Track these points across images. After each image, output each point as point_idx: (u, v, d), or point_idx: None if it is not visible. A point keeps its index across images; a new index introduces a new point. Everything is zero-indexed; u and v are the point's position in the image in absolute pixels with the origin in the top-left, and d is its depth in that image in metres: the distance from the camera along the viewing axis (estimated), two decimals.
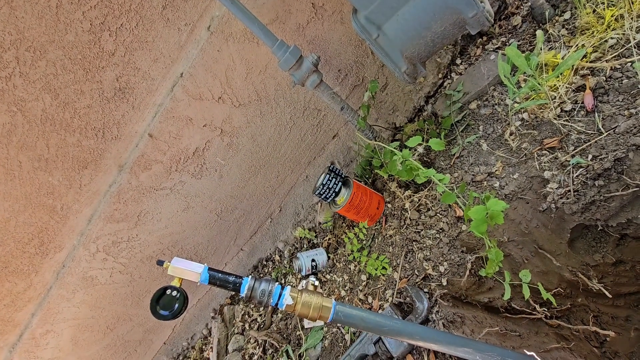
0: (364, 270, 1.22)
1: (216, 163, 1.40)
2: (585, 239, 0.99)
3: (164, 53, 1.09)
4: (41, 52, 0.99)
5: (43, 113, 1.09)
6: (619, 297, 1.07)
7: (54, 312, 1.66)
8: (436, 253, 1.03)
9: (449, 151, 1.17)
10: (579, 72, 0.97)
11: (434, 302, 0.96)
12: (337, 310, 0.75)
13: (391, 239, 1.18)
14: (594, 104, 0.91)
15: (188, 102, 1.20)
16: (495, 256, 0.82)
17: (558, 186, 0.92)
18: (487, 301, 1.05)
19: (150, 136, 1.24)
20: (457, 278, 0.99)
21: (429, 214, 1.11)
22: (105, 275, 1.61)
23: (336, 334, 1.21)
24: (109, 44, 1.02)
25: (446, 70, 1.32)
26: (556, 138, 0.95)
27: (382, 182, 1.36)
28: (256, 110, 1.30)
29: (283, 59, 0.94)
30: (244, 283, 0.69)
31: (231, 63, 1.16)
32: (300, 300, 0.73)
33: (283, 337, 1.44)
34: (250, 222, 1.70)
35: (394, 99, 1.41)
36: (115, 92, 1.12)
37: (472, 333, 0.93)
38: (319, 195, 1.22)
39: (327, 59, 1.23)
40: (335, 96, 1.07)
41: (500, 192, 1.00)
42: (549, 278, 1.06)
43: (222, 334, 1.75)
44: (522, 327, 1.04)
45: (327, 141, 1.52)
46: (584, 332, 1.10)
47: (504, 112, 1.09)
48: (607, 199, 0.85)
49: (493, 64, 1.16)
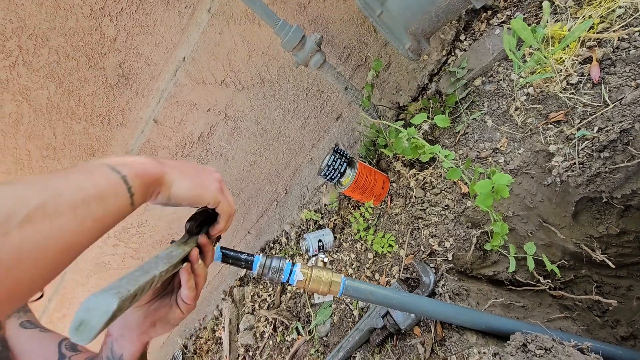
0: (371, 248, 1.24)
1: (221, 147, 1.41)
2: (590, 212, 1.01)
3: (165, 37, 1.08)
4: (43, 39, 0.99)
5: (48, 101, 1.09)
6: (622, 267, 1.09)
7: (70, 297, 1.72)
8: (442, 229, 1.05)
9: (454, 129, 1.17)
10: (586, 43, 0.96)
11: (440, 276, 0.98)
12: (347, 285, 0.78)
13: (397, 217, 1.20)
14: (600, 76, 0.90)
15: (191, 87, 1.20)
16: (500, 229, 0.83)
17: (563, 159, 0.92)
18: (491, 275, 1.07)
19: (155, 122, 1.24)
20: (462, 253, 1.01)
21: (434, 191, 1.12)
22: (117, 261, 1.65)
23: (344, 310, 1.24)
24: (110, 29, 1.02)
25: (450, 47, 1.31)
26: (562, 112, 0.95)
27: (387, 162, 1.37)
28: (259, 93, 1.30)
29: (286, 39, 0.94)
30: (255, 261, 0.71)
31: (233, 45, 1.15)
32: (311, 276, 0.75)
33: (293, 315, 1.48)
34: (256, 206, 1.72)
35: (397, 78, 1.40)
36: (119, 78, 1.12)
37: (477, 305, 0.95)
38: (324, 177, 1.23)
39: (329, 39, 1.22)
40: (339, 76, 1.06)
41: (505, 167, 1.01)
42: (553, 251, 1.08)
43: (233, 314, 1.80)
44: (526, 299, 1.07)
45: (331, 123, 1.52)
46: (586, 302, 1.12)
47: (509, 87, 1.08)
48: (612, 171, 0.86)
49: (498, 38, 1.14)
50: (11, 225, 0.29)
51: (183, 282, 0.52)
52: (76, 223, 0.34)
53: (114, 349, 0.54)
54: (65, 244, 0.33)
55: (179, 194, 0.48)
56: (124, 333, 0.53)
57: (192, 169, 0.52)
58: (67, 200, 0.34)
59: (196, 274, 0.54)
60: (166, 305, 0.54)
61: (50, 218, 0.32)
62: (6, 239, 0.29)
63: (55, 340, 0.67)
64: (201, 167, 0.55)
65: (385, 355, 1.00)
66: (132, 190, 0.41)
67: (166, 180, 0.46)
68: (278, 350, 1.47)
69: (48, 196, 0.32)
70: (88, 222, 0.35)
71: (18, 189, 0.32)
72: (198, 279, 0.54)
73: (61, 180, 0.35)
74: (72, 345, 0.67)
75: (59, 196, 0.33)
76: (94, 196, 0.36)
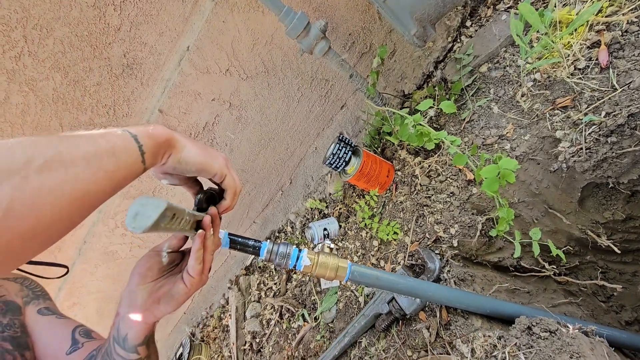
0: (376, 236, 1.25)
1: (226, 137, 1.42)
2: (596, 197, 1.01)
3: (169, 26, 1.08)
4: (48, 29, 0.99)
5: (54, 92, 1.10)
6: (627, 253, 1.09)
7: (79, 286, 1.75)
8: (447, 216, 1.06)
9: (459, 116, 1.16)
10: (594, 27, 0.95)
11: (445, 262, 0.99)
12: (353, 270, 0.79)
13: (402, 205, 1.21)
14: (608, 60, 0.89)
15: (196, 76, 1.20)
16: (506, 214, 0.84)
17: (570, 145, 0.92)
18: (496, 261, 1.08)
19: (161, 112, 1.25)
20: (467, 239, 1.02)
21: (439, 179, 1.13)
22: (125, 250, 1.67)
23: (350, 297, 1.26)
24: (114, 18, 1.02)
25: (456, 34, 1.29)
26: (569, 97, 0.94)
27: (392, 151, 1.37)
28: (263, 82, 1.30)
29: (291, 26, 0.93)
30: (263, 247, 0.72)
31: (237, 34, 1.14)
32: (318, 261, 0.76)
33: (298, 302, 1.50)
34: (261, 195, 1.73)
35: (402, 66, 1.39)
36: (124, 68, 1.12)
37: (482, 290, 0.96)
38: (329, 165, 1.23)
39: (333, 27, 1.21)
40: (344, 63, 1.06)
41: (511, 154, 1.01)
42: (558, 237, 1.08)
43: (240, 302, 1.83)
44: (530, 285, 1.08)
45: (335, 112, 1.51)
46: (591, 288, 1.13)
47: (515, 73, 1.07)
48: (619, 156, 0.86)
49: (504, 24, 1.13)
50: (30, 170, 0.32)
51: (194, 249, 0.53)
52: (90, 172, 0.37)
53: (119, 328, 0.55)
54: (79, 191, 0.36)
55: (189, 158, 0.50)
56: (130, 311, 0.54)
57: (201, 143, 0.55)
58: (81, 152, 0.37)
59: (205, 247, 0.55)
60: (171, 282, 0.56)
61: (65, 166, 0.35)
62: (26, 181, 0.32)
63: (70, 327, 0.69)
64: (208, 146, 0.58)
65: (390, 339, 1.02)
66: (143, 149, 0.43)
67: (177, 143, 0.49)
68: (284, 337, 1.49)
69: (64, 147, 0.36)
70: (100, 174, 0.38)
71: (38, 139, 0.35)
72: (206, 253, 0.55)
73: (76, 136, 0.38)
74: (86, 332, 0.69)
75: (74, 147, 0.37)
76: (106, 150, 0.39)
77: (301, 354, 1.36)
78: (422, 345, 0.93)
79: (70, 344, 0.66)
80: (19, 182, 0.32)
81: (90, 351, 0.65)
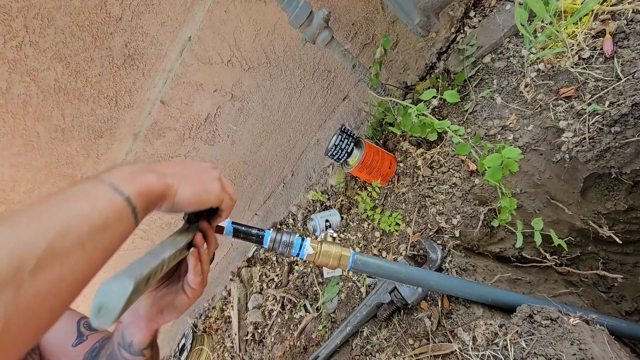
0: (378, 227, 1.26)
1: (228, 129, 1.41)
2: (598, 188, 1.01)
3: (170, 16, 1.07)
4: (49, 19, 0.98)
5: (56, 83, 1.09)
6: (629, 244, 1.10)
7: None
8: (449, 207, 1.06)
9: (462, 107, 1.16)
10: (599, 17, 0.94)
11: (447, 252, 1.00)
12: (356, 259, 0.79)
13: (404, 196, 1.21)
14: (613, 50, 0.89)
15: (197, 67, 1.19)
16: (509, 204, 0.84)
17: (573, 135, 0.92)
18: (498, 251, 1.09)
19: (162, 103, 1.24)
20: (469, 230, 1.02)
21: (442, 170, 1.13)
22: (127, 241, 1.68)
23: (352, 287, 1.27)
24: (115, 7, 1.01)
25: (459, 24, 1.28)
26: (573, 87, 0.94)
27: (394, 142, 1.36)
28: (266, 73, 1.29)
29: (293, 15, 0.92)
30: (266, 235, 0.73)
31: (239, 24, 1.14)
32: (321, 250, 0.76)
33: (300, 293, 1.51)
34: (263, 187, 1.73)
35: (404, 57, 1.38)
36: (125, 58, 1.11)
37: (483, 280, 0.97)
38: (331, 157, 1.23)
39: (336, 17, 1.20)
40: (347, 53, 1.05)
41: (514, 144, 1.01)
42: (560, 227, 1.09)
43: (242, 294, 1.85)
44: (532, 275, 1.08)
45: (338, 103, 1.51)
46: (592, 278, 1.14)
47: (519, 63, 1.07)
48: (623, 145, 0.86)
49: (508, 14, 1.12)
50: (24, 277, 0.28)
51: (190, 266, 0.53)
52: (86, 259, 0.33)
53: (124, 335, 0.56)
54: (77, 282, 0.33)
55: (183, 201, 0.47)
56: (133, 320, 0.55)
57: (192, 171, 0.51)
58: (74, 237, 0.32)
59: (201, 261, 0.55)
60: (172, 292, 0.56)
61: (60, 260, 0.31)
62: (20, 292, 0.28)
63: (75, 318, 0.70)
64: (199, 166, 0.54)
65: (392, 328, 1.03)
66: (136, 211, 0.40)
67: (169, 191, 0.45)
68: (286, 327, 1.50)
69: (54, 235, 0.31)
70: (97, 255, 0.35)
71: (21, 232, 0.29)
72: (203, 265, 0.55)
73: (62, 211, 0.33)
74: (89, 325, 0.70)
75: (66, 233, 0.32)
76: (100, 226, 0.35)
77: (303, 344, 1.37)
78: (423, 334, 0.94)
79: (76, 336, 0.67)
80: (12, 296, 0.27)
81: (92, 344, 0.66)
